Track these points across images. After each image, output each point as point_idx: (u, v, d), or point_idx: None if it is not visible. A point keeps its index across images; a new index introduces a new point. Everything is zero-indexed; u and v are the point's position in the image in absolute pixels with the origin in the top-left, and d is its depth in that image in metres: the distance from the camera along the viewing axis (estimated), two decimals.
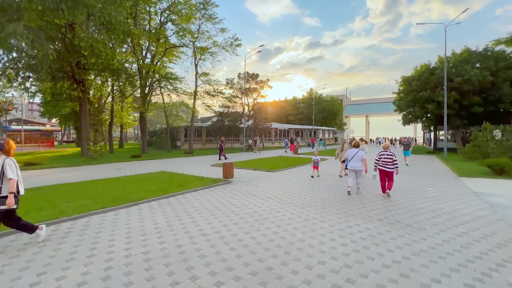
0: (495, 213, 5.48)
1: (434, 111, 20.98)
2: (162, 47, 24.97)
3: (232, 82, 43.66)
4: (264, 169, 12.19)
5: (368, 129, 77.63)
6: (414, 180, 9.69)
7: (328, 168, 13.10)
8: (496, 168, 10.38)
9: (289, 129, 46.97)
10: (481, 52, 20.80)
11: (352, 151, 7.43)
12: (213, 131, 35.05)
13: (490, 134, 15.67)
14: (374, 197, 6.87)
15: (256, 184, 8.82)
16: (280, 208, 5.86)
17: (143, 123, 25.58)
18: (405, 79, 24.13)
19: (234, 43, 32.68)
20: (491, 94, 19.25)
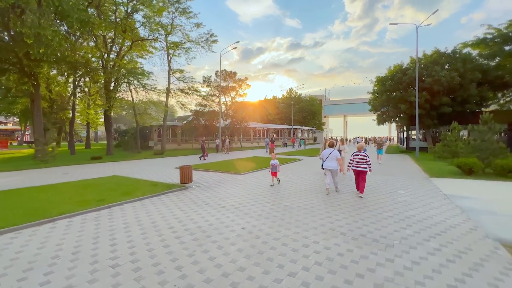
0: (467, 221, 4.96)
1: (406, 111, 21.21)
2: (128, 39, 23.15)
3: (209, 80, 42.31)
4: (232, 172, 11.24)
5: (346, 129, 79.38)
6: (386, 181, 9.24)
7: (301, 168, 12.45)
8: (465, 168, 10.24)
9: (268, 128, 46.40)
10: (449, 54, 21.37)
11: (327, 150, 7.32)
12: (188, 130, 33.49)
13: (458, 134, 15.90)
14: (346, 200, 6.20)
15: (215, 189, 7.85)
16: (231, 221, 4.95)
17: (107, 122, 23.60)
18: (379, 79, 24.31)
19: (210, 39, 31.33)
20: (459, 95, 19.76)
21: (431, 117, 21.06)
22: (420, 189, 7.87)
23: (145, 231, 4.47)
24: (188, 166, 8.44)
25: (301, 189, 7.83)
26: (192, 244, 3.93)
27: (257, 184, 8.70)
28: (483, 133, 11.04)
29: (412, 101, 20.17)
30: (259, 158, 18.06)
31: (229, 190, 7.71)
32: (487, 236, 4.23)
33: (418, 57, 20.29)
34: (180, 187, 7.84)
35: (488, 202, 6.31)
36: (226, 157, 19.61)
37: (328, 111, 77.05)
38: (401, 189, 7.87)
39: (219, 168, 12.46)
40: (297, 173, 11.17)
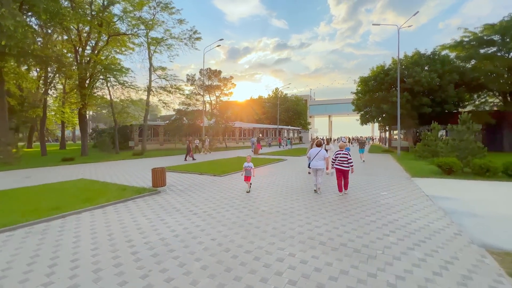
0: (451, 225, 4.74)
1: (388, 111, 21.48)
2: (105, 34, 21.89)
3: (193, 79, 41.33)
4: (211, 173, 10.68)
5: (331, 128, 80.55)
6: (369, 181, 9.05)
7: (285, 168, 12.10)
8: (445, 168, 10.28)
9: (253, 128, 45.99)
10: (429, 55, 21.89)
11: (315, 150, 7.27)
12: (171, 130, 32.39)
13: (438, 134, 16.20)
14: (327, 203, 5.86)
15: (190, 193, 7.29)
16: (200, 231, 4.43)
17: (82, 121, 22.22)
18: (363, 80, 24.53)
19: (193, 36, 30.42)
20: (438, 96, 20.26)
21: (412, 117, 21.46)
22: (403, 190, 7.70)
23: (97, 246, 3.86)
24: (161, 168, 7.81)
25: (282, 192, 7.43)
26: (149, 261, 3.39)
27: (236, 187, 8.22)
28: (462, 133, 11.17)
29: (394, 101, 20.44)
30: (243, 159, 17.58)
31: (204, 194, 7.17)
32: (472, 241, 4.00)
33: (399, 58, 20.58)
34: (152, 192, 7.20)
35: (469, 203, 6.19)
36: (208, 158, 18.96)
37: (313, 111, 77.82)
38: (384, 190, 7.66)
39: (198, 169, 11.86)
40: (279, 174, 10.79)
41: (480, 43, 21.12)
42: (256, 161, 15.49)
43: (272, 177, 10.16)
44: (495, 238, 4.11)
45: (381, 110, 22.17)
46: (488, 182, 8.89)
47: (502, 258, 3.43)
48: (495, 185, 8.51)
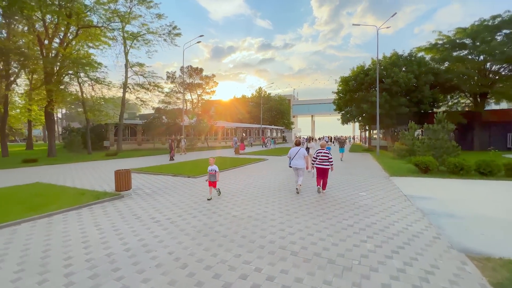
0: (430, 227, 4.52)
1: (368, 110, 21.79)
2: (74, 25, 20.38)
3: (174, 76, 40.05)
4: (185, 175, 10.04)
5: (314, 128, 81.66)
6: (348, 181, 8.85)
7: (264, 169, 11.69)
8: (422, 167, 10.34)
9: (236, 127, 45.37)
10: (406, 57, 22.46)
11: (294, 149, 7.18)
12: (149, 129, 31.03)
13: (419, 132, 16.54)
14: (304, 205, 5.48)
15: (158, 197, 6.66)
16: (158, 243, 3.87)
17: (48, 119, 20.57)
18: (343, 79, 24.76)
19: (173, 31, 29.34)
20: (414, 96, 20.81)
21: (390, 117, 21.90)
22: (381, 190, 7.53)
23: (24, 266, 3.19)
24: (125, 171, 7.10)
25: (257, 194, 6.99)
26: (86, 284, 2.80)
27: None
28: (437, 132, 11.34)
29: (373, 101, 20.74)
30: (223, 159, 17.01)
31: (173, 198, 6.57)
32: (452, 246, 3.76)
33: (378, 59, 20.91)
34: (114, 196, 6.49)
35: (446, 203, 6.09)
36: (187, 158, 18.16)
37: (296, 111, 78.42)
38: (363, 191, 7.45)
39: (172, 170, 11.15)
40: (258, 175, 10.37)
41: (453, 46, 21.98)
42: (236, 161, 14.98)
43: (250, 178, 9.71)
44: (473, 241, 3.91)
45: (361, 109, 22.46)
46: (462, 181, 8.99)
47: (483, 265, 3.19)
48: (468, 183, 8.60)
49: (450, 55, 21.71)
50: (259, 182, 8.76)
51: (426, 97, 20.49)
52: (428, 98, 20.63)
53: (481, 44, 19.41)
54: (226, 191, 7.40)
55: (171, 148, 17.27)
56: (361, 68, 23.77)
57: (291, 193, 7.09)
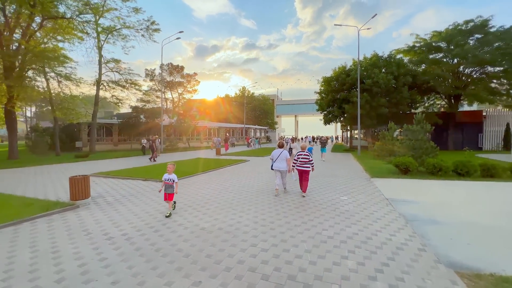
0: (414, 237, 4.19)
1: (349, 110, 21.90)
2: (38, 15, 18.68)
3: (153, 74, 38.46)
4: (158, 179, 9.26)
5: (297, 128, 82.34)
6: (329, 183, 8.53)
7: (244, 171, 11.15)
8: (402, 168, 10.27)
9: (219, 127, 44.50)
10: (386, 58, 22.84)
11: (277, 151, 7.11)
12: (126, 129, 29.45)
13: (397, 133, 16.73)
14: (282, 214, 5.01)
15: (119, 207, 5.91)
16: (102, 269, 3.20)
17: (9, 117, 18.72)
18: (326, 80, 24.78)
19: (151, 27, 27.98)
20: (393, 97, 21.18)
21: (370, 117, 22.15)
22: (363, 193, 7.24)
23: None
24: (83, 177, 6.25)
25: (233, 200, 6.44)
26: None
27: (182, 195, 7.01)
28: (417, 133, 11.36)
29: (355, 101, 20.86)
30: (202, 160, 16.26)
31: (136, 208, 5.85)
32: (439, 260, 3.41)
33: (359, 60, 21.04)
34: (66, 207, 5.66)
35: (427, 207, 5.86)
36: (164, 159, 17.19)
37: (280, 111, 78.67)
38: (344, 194, 7.12)
39: (144, 174, 10.31)
40: (237, 178, 9.80)
41: (429, 48, 22.65)
42: (215, 163, 14.31)
43: (227, 181, 9.12)
44: (460, 253, 3.60)
45: (343, 110, 22.54)
46: (441, 182, 8.96)
47: (475, 284, 2.84)
48: (447, 184, 8.56)
49: (426, 57, 22.37)
50: (236, 186, 8.20)
51: (404, 98, 20.91)
52: (406, 99, 21.07)
53: (455, 48, 20.08)
54: (199, 197, 6.77)
55: (153, 149, 16.60)
56: (342, 68, 23.89)
57: (269, 199, 6.61)
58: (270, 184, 8.59)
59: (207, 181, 9.22)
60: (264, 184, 8.57)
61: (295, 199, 6.55)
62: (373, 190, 7.67)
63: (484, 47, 19.81)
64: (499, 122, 23.97)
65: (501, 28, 20.36)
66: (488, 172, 9.45)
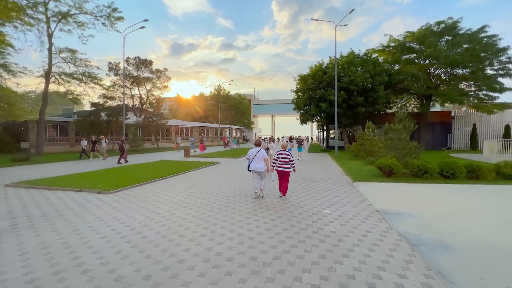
0: (431, 277, 2.93)
1: (326, 109, 21.15)
2: None
3: (117, 68, 35.10)
4: (97, 189, 7.30)
5: (274, 128, 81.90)
6: (309, 190, 7.25)
7: (210, 176, 9.53)
8: (386, 170, 9.35)
9: (192, 127, 42.12)
10: (362, 56, 22.48)
11: (253, 150, 6.49)
12: (84, 128, 26.17)
13: (372, 133, 16.11)
14: (247, 239, 3.53)
15: (20, 234, 4.03)
16: None
17: None
18: (302, 77, 23.88)
19: (113, 14, 25.10)
20: (370, 96, 20.81)
21: (347, 117, 21.60)
22: (348, 204, 6.02)
23: None
24: None
25: (183, 221, 4.83)
26: None
27: (124, 211, 5.25)
28: (399, 132, 10.57)
29: (332, 99, 20.13)
30: (166, 163, 14.30)
31: (36, 239, 4.00)
32: None
33: (336, 58, 20.34)
34: None
35: (429, 221, 4.75)
36: (109, 164, 14.88)
37: (257, 111, 77.62)
38: (327, 206, 5.85)
39: (81, 183, 8.24)
40: (200, 185, 8.16)
41: (403, 49, 22.68)
42: (180, 166, 12.47)
43: (186, 190, 7.45)
44: None
45: (320, 108, 21.75)
46: (428, 185, 8.10)
47: None
48: (436, 188, 7.70)
49: (400, 57, 22.33)
50: (195, 198, 6.58)
51: (380, 97, 20.61)
52: (382, 99, 20.80)
53: (427, 48, 20.16)
54: (140, 216, 5.07)
55: (122, 150, 14.77)
56: (319, 66, 23.14)
57: (234, 215, 5.11)
58: (240, 193, 7.10)
59: (162, 190, 7.47)
60: (231, 194, 7.05)
61: (263, 219, 5.11)
62: (359, 199, 6.49)
63: (454, 49, 20.12)
64: (466, 123, 24.82)
65: (468, 30, 20.88)
66: (473, 174, 8.82)
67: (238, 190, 7.43)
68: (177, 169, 11.58)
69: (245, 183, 8.61)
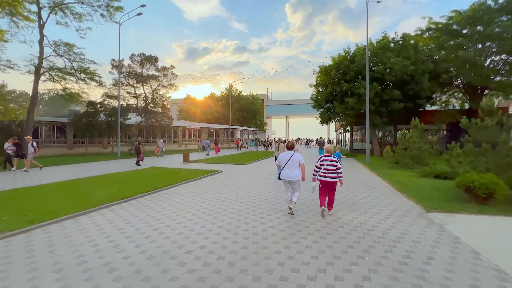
0: None
1: (354, 106, 17.40)
2: None
3: (121, 65, 33.00)
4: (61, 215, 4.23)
5: (288, 129, 78.22)
6: (360, 234, 3.81)
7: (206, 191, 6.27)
8: (481, 193, 5.67)
9: (201, 128, 39.44)
10: (398, 40, 18.47)
11: (286, 154, 5.23)
12: (80, 129, 23.88)
13: (422, 134, 12.30)
14: None
15: None
16: None
17: None
18: (323, 69, 20.23)
19: (111, 3, 22.76)
20: (410, 88, 16.82)
21: (380, 114, 17.72)
22: (452, 260, 2.54)
23: None
24: None
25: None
26: None
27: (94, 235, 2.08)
28: (493, 132, 6.83)
29: (362, 93, 16.40)
30: (153, 172, 11.25)
31: None
32: None
33: (368, 41, 16.57)
34: None
35: None
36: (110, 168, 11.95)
37: (270, 112, 74.37)
38: (428, 256, 2.40)
39: (53, 199, 5.22)
40: (183, 211, 4.91)
41: (449, 32, 18.42)
42: (170, 176, 9.31)
43: (168, 215, 4.20)
44: None
45: (346, 105, 18.03)
46: None
47: None
48: None
49: (446, 42, 18.05)
50: (176, 232, 3.31)
51: (424, 90, 16.57)
52: (425, 91, 16.75)
53: (486, 27, 15.93)
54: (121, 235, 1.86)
55: (138, 152, 14.04)
56: (345, 54, 19.40)
57: None
58: (247, 229, 3.78)
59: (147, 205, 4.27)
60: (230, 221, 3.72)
61: None
62: (468, 258, 2.96)
63: None
64: None
65: None
66: None
67: (253, 218, 4.08)
68: (167, 180, 8.43)
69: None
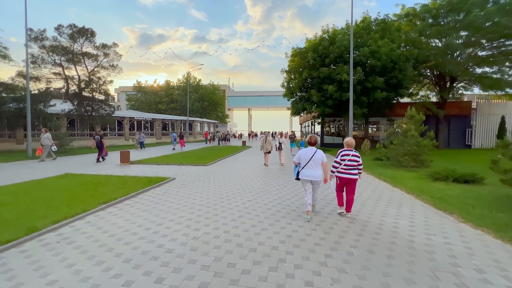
0: None
1: (334, 94, 15.10)
2: None
3: (43, 37, 25.74)
4: None
5: (251, 122, 75.61)
6: None
7: (143, 219, 2.89)
8: None
9: (153, 119, 33.98)
10: (380, 22, 16.59)
11: (307, 152, 4.38)
12: None
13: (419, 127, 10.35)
14: None
15: None
16: None
17: None
18: (298, 52, 17.51)
19: None
20: (393, 76, 15.17)
21: (360, 104, 15.80)
22: None
23: None
24: None
25: None
26: None
27: None
28: None
29: (343, 80, 14.12)
30: (67, 183, 7.03)
31: None
32: None
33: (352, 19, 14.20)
34: None
35: None
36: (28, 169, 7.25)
37: (232, 103, 70.54)
38: None
39: None
40: None
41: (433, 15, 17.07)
42: (86, 194, 5.37)
43: None
44: None
45: (324, 93, 15.65)
46: None
47: None
48: None
49: (426, 28, 16.74)
50: None
51: (407, 78, 15.06)
52: (408, 81, 15.30)
53: (468, 13, 14.95)
54: None
55: (100, 147, 11.94)
56: (323, 33, 16.85)
57: None
58: None
59: None
60: None
61: None
62: None
63: (505, 17, 14.81)
64: (492, 115, 20.40)
65: None
66: None
67: None
68: (56, 208, 4.52)
69: None
